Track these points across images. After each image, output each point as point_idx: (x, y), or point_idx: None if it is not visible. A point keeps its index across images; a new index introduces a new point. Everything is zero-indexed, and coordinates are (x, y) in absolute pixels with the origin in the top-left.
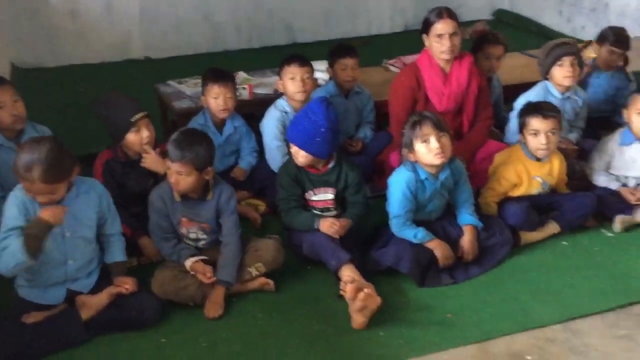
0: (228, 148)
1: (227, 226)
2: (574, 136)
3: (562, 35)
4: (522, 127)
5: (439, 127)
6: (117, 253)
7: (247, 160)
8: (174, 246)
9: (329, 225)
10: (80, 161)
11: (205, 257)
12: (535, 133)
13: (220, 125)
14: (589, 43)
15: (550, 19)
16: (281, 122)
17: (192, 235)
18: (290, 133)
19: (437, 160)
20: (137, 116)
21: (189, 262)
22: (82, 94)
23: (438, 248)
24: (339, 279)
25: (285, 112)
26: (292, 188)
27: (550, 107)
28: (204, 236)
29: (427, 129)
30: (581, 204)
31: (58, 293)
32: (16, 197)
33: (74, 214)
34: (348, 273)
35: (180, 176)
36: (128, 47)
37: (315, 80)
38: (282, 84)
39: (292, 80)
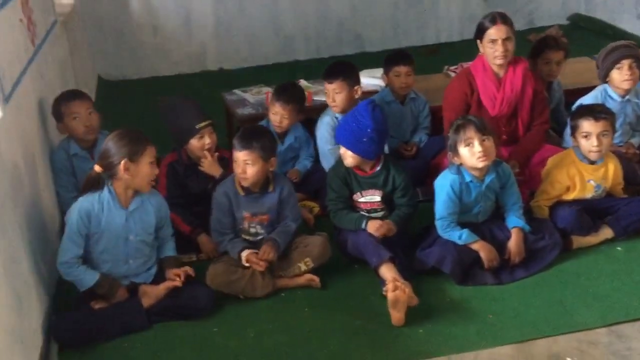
0: (288, 155)
1: (291, 214)
2: (636, 140)
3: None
4: (574, 129)
5: (481, 131)
6: (168, 249)
7: (303, 163)
8: (229, 240)
9: (375, 227)
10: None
11: (257, 251)
12: (587, 135)
13: (282, 134)
14: None
15: (627, 23)
16: (332, 127)
17: (252, 230)
18: (339, 134)
19: (481, 164)
20: (202, 124)
21: (245, 253)
22: (157, 104)
23: (483, 249)
24: (379, 277)
25: (336, 117)
26: (341, 189)
27: (601, 109)
28: (262, 231)
29: (470, 132)
30: (637, 209)
31: (123, 284)
32: (84, 205)
33: (139, 219)
34: (386, 271)
35: (247, 165)
36: (204, 59)
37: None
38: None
39: (326, 95)
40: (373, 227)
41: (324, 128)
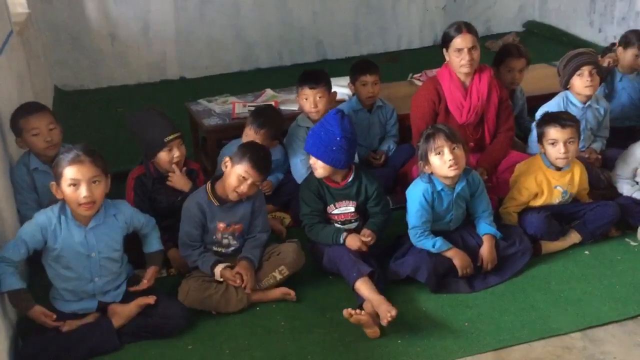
0: None
1: (260, 225)
2: (597, 145)
3: (593, 45)
4: (540, 137)
5: (451, 139)
6: (154, 243)
7: (275, 175)
8: (199, 254)
9: (354, 241)
10: (115, 177)
11: (230, 264)
12: (554, 143)
13: None
14: (608, 49)
15: (581, 30)
16: (303, 139)
17: (225, 241)
18: (308, 144)
19: (451, 172)
20: (171, 137)
21: (219, 268)
22: (119, 114)
23: (456, 257)
24: (355, 293)
25: (307, 127)
26: (315, 203)
27: (567, 116)
28: (234, 242)
29: (440, 141)
30: (603, 214)
31: (90, 305)
32: (41, 219)
33: (100, 236)
34: (362, 287)
35: (254, 186)
36: (164, 68)
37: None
38: (298, 102)
39: (306, 101)
40: (352, 243)
41: (295, 139)
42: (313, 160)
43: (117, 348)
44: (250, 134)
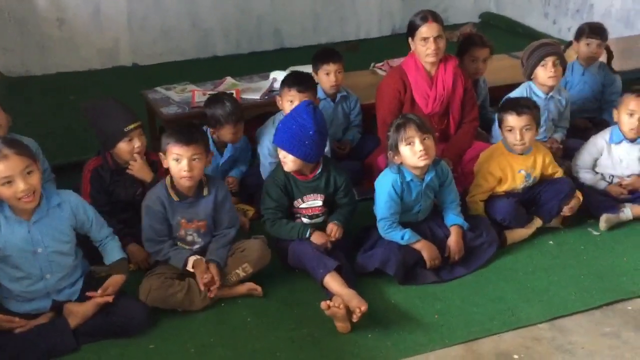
0: (225, 166)
1: (227, 219)
2: (558, 135)
3: (548, 36)
4: (500, 123)
5: (422, 129)
6: (114, 253)
7: (239, 169)
8: (169, 246)
9: (320, 238)
10: (67, 169)
11: (203, 258)
12: (511, 129)
13: (220, 146)
14: (569, 44)
15: (536, 21)
16: None
17: (189, 238)
18: (279, 138)
19: (422, 162)
20: (131, 126)
21: (192, 259)
22: (70, 102)
23: (425, 249)
24: (324, 289)
25: None
26: (280, 198)
27: (525, 103)
28: (199, 239)
29: (410, 131)
30: (557, 190)
31: (43, 304)
32: None
33: (45, 229)
34: (332, 282)
35: (193, 162)
36: (116, 55)
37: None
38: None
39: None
40: (317, 237)
41: (268, 139)
42: (283, 154)
43: (75, 349)
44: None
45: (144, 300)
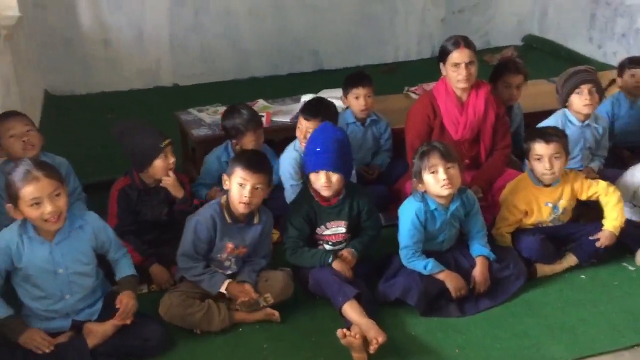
0: None
1: (264, 250)
2: (595, 165)
3: (593, 61)
4: (527, 152)
5: (446, 158)
6: (126, 269)
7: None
8: (204, 267)
9: (342, 265)
10: (99, 188)
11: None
12: (539, 158)
13: None
14: (612, 82)
15: (580, 45)
16: (297, 163)
17: (227, 263)
18: (315, 161)
19: (445, 192)
20: (166, 142)
21: (225, 283)
22: (109, 121)
23: (449, 279)
24: (343, 317)
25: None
26: (303, 227)
27: (553, 131)
28: (234, 266)
29: (434, 159)
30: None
31: (63, 323)
32: (2, 241)
33: (67, 250)
34: (350, 311)
35: (255, 190)
36: (157, 75)
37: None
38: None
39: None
40: (340, 266)
41: (289, 163)
42: (324, 179)
43: None
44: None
45: (162, 314)
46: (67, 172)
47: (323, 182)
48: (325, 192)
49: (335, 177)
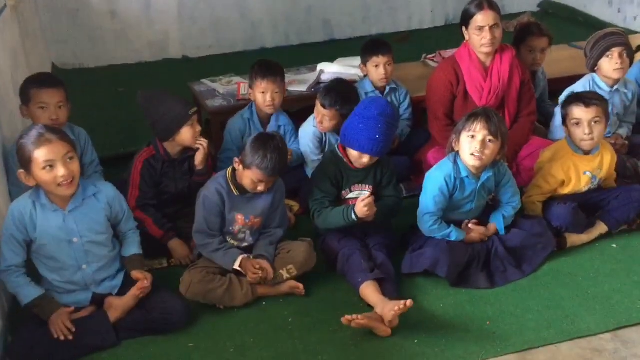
0: None
1: (278, 219)
2: (623, 131)
3: (613, 26)
4: (564, 118)
5: (491, 130)
6: (132, 247)
7: (294, 146)
8: (220, 243)
9: (363, 209)
10: (114, 161)
11: (250, 256)
12: (578, 122)
13: (265, 120)
14: (638, 48)
15: (599, 10)
16: (317, 138)
17: (241, 236)
18: (364, 145)
19: (472, 161)
20: (193, 110)
21: (239, 259)
22: (120, 94)
23: (471, 235)
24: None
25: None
26: (330, 190)
27: (593, 95)
28: (249, 238)
29: (479, 125)
30: (628, 199)
31: (84, 297)
32: (16, 210)
33: (80, 219)
34: (368, 293)
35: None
36: (166, 47)
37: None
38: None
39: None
40: (360, 209)
41: (310, 139)
42: (368, 159)
43: (115, 344)
44: (267, 88)
45: (184, 293)
46: (85, 142)
47: (365, 162)
48: (360, 166)
49: (375, 159)
